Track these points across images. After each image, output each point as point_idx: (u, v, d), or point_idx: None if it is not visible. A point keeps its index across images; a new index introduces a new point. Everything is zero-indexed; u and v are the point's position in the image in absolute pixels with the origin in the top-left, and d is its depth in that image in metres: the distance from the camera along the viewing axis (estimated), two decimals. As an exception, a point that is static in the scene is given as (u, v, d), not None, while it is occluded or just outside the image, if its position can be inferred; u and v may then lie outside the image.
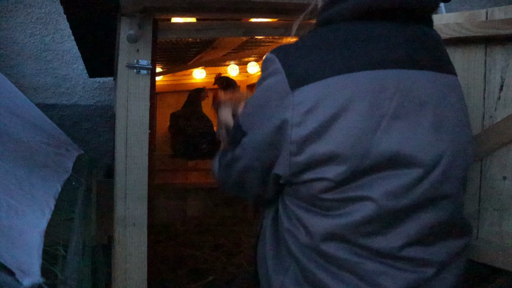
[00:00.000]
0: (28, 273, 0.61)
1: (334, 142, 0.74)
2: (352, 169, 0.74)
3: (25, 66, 2.94)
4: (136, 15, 1.20)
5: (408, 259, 0.77)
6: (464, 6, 3.41)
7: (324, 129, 0.74)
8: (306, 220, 0.80)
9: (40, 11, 2.92)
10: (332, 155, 0.74)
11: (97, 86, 3.08)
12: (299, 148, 0.76)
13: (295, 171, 0.78)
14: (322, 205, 0.78)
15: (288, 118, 0.76)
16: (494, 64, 1.11)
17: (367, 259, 0.76)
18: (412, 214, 0.77)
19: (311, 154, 0.75)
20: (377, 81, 0.74)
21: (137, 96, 1.25)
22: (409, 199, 0.75)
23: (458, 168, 0.80)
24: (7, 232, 0.72)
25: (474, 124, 1.15)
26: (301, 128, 0.75)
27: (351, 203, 0.76)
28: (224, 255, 2.47)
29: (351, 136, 0.73)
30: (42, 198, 0.98)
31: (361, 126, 0.73)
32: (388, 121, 0.74)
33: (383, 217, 0.75)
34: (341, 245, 0.77)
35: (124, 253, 1.24)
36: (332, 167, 0.74)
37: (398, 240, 0.76)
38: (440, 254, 0.80)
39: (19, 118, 1.50)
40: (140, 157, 1.25)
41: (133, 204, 1.24)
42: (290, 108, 0.75)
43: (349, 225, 0.76)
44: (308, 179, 0.77)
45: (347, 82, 0.74)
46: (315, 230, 0.79)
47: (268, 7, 1.32)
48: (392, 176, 0.75)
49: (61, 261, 0.82)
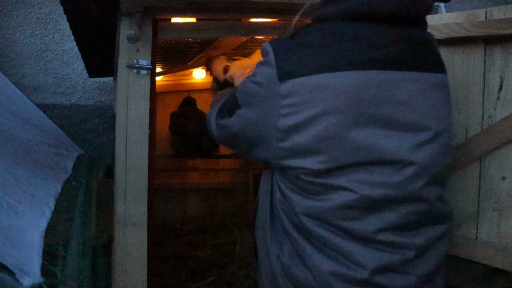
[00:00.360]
0: (28, 273, 0.61)
1: (313, 135, 0.80)
2: (331, 162, 0.81)
3: (25, 66, 2.94)
4: (136, 15, 1.20)
5: (383, 242, 0.82)
6: (464, 6, 3.41)
7: (306, 123, 0.80)
8: (291, 198, 0.88)
9: (40, 11, 2.92)
10: (311, 147, 0.81)
11: (97, 86, 3.09)
12: (284, 136, 0.83)
13: (281, 156, 0.86)
14: (305, 188, 0.85)
15: (276, 107, 0.83)
16: (494, 64, 1.11)
17: (345, 239, 0.83)
18: (389, 205, 0.82)
19: (294, 143, 0.82)
20: (358, 81, 0.79)
21: (137, 96, 1.25)
22: (386, 191, 0.81)
23: (436, 165, 0.84)
24: (7, 232, 0.72)
25: (474, 124, 1.15)
26: (287, 119, 0.82)
27: (331, 190, 0.82)
28: (224, 255, 2.47)
29: (328, 131, 0.80)
30: (42, 198, 0.98)
31: (340, 123, 0.79)
32: (366, 120, 0.80)
33: (360, 205, 0.81)
34: (321, 225, 0.84)
35: (124, 253, 1.24)
36: (312, 158, 0.81)
37: (373, 226, 0.82)
38: (418, 239, 0.85)
39: (19, 118, 1.51)
40: (140, 157, 1.25)
41: (133, 204, 1.25)
42: (278, 98, 0.82)
43: (328, 208, 0.83)
44: (292, 165, 0.84)
45: (330, 81, 0.79)
46: (298, 208, 0.86)
47: (268, 7, 1.32)
48: (370, 171, 0.81)
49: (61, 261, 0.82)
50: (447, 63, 1.19)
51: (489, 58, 1.12)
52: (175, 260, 2.38)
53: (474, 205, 1.15)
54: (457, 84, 1.17)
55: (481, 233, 1.15)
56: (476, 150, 1.13)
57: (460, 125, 1.17)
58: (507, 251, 1.09)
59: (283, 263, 0.90)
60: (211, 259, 2.42)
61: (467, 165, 1.16)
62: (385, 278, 0.81)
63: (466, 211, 1.17)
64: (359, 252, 0.82)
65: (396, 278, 0.82)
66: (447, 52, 1.18)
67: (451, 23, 1.14)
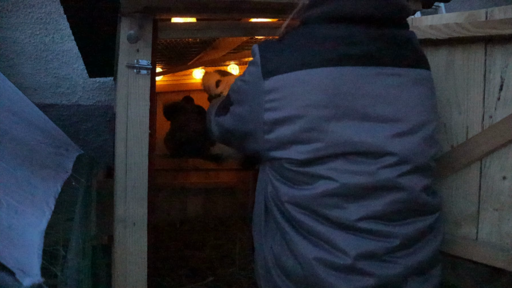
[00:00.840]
0: (28, 273, 0.61)
1: (294, 127, 0.87)
2: (312, 152, 0.86)
3: (25, 66, 2.94)
4: (136, 15, 1.20)
5: (365, 230, 0.86)
6: (464, 6, 3.41)
7: (288, 116, 0.87)
8: (278, 188, 0.93)
9: (40, 11, 2.92)
10: (294, 139, 0.87)
11: (97, 86, 3.08)
12: (269, 128, 0.90)
13: (267, 147, 0.92)
14: (290, 177, 0.91)
15: (261, 102, 0.90)
16: (494, 64, 1.11)
17: (328, 227, 0.87)
18: (370, 193, 0.87)
19: (278, 135, 0.89)
20: (335, 76, 0.86)
21: (137, 96, 1.25)
22: (365, 180, 0.86)
23: (417, 156, 0.89)
24: (7, 232, 0.72)
25: (474, 124, 1.15)
26: (271, 113, 0.89)
27: (313, 179, 0.88)
28: (224, 255, 2.47)
29: (310, 123, 0.86)
30: (42, 198, 0.98)
31: (320, 116, 0.85)
32: (343, 112, 0.85)
33: (341, 194, 0.86)
34: (305, 213, 0.89)
35: (124, 253, 1.24)
36: (295, 148, 0.87)
37: (355, 214, 0.86)
38: (404, 228, 0.88)
39: (19, 118, 1.50)
40: (140, 157, 1.25)
41: (133, 204, 1.24)
42: (263, 94, 0.90)
43: (311, 197, 0.88)
44: (278, 156, 0.91)
45: (308, 76, 0.86)
46: (284, 197, 0.92)
47: (268, 7, 1.32)
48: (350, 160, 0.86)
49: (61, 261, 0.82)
50: (447, 63, 1.19)
51: (490, 58, 1.11)
52: (175, 260, 2.38)
53: (474, 205, 1.15)
54: (458, 84, 1.17)
55: (481, 233, 1.15)
56: (477, 150, 1.13)
57: (460, 125, 1.17)
58: (508, 251, 1.08)
59: (274, 253, 0.94)
60: (211, 259, 2.42)
61: (467, 165, 1.15)
62: (369, 265, 0.85)
63: (467, 211, 1.16)
64: (342, 239, 0.86)
65: (381, 266, 0.85)
66: (448, 52, 1.18)
67: (452, 23, 1.14)
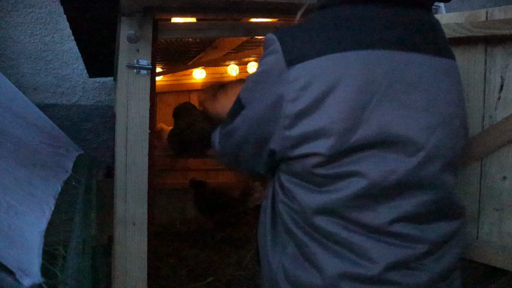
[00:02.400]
0: (28, 273, 0.61)
1: (324, 117, 0.77)
2: (342, 144, 0.77)
3: (25, 66, 2.94)
4: (136, 15, 1.20)
5: (396, 235, 0.79)
6: (464, 6, 3.41)
7: (316, 105, 0.78)
8: (299, 196, 0.84)
9: (40, 11, 2.92)
10: (322, 130, 0.78)
11: (97, 86, 3.08)
12: (292, 123, 0.80)
13: (288, 145, 0.82)
14: (315, 180, 0.81)
15: (284, 94, 0.80)
16: (494, 64, 1.11)
17: (356, 233, 0.79)
18: (402, 192, 0.79)
19: (303, 129, 0.79)
20: (368, 61, 0.78)
21: (137, 96, 1.25)
22: (398, 176, 0.78)
23: (447, 149, 0.82)
24: (7, 232, 0.72)
25: (474, 124, 1.15)
26: (295, 104, 0.79)
27: (343, 179, 0.79)
28: (224, 256, 2.47)
29: (340, 112, 0.77)
30: (42, 198, 0.98)
31: (351, 103, 0.77)
32: (378, 99, 0.77)
33: (373, 193, 0.78)
34: (332, 219, 0.80)
35: (124, 253, 1.24)
36: (323, 141, 0.78)
37: (387, 216, 0.79)
38: (432, 233, 0.81)
39: (19, 118, 1.50)
40: (140, 157, 1.25)
41: (133, 204, 1.24)
42: (286, 84, 0.80)
43: (340, 199, 0.79)
44: (301, 153, 0.81)
45: (338, 61, 0.77)
46: (307, 205, 0.82)
47: (268, 7, 1.32)
48: (382, 153, 0.78)
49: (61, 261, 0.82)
50: (447, 63, 1.19)
51: (490, 58, 1.11)
52: (175, 260, 2.38)
53: (474, 205, 1.15)
54: (458, 84, 1.17)
55: (482, 232, 1.15)
56: (477, 150, 1.13)
57: (460, 125, 1.17)
58: (508, 250, 1.08)
59: (285, 268, 0.86)
60: (211, 259, 2.42)
61: (467, 165, 1.15)
62: (398, 275, 0.78)
63: (467, 210, 1.16)
64: (371, 247, 0.78)
65: (408, 274, 0.79)
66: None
67: (452, 23, 1.13)
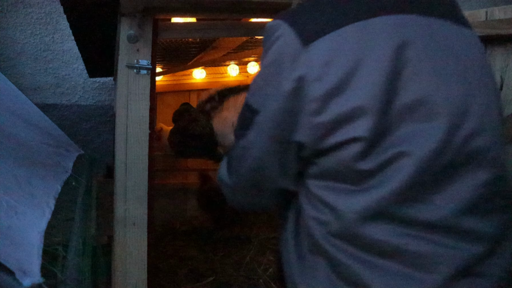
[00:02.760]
0: (28, 273, 0.61)
1: (359, 93, 0.67)
2: (381, 122, 0.67)
3: (25, 66, 2.94)
4: (136, 15, 1.20)
5: (460, 231, 0.68)
6: (464, 6, 3.41)
7: (346, 81, 0.67)
8: (333, 203, 0.71)
9: (40, 11, 2.92)
10: (359, 109, 0.67)
11: (97, 86, 3.08)
12: (321, 106, 0.68)
13: (319, 134, 0.70)
14: (352, 177, 0.69)
15: (304, 75, 0.69)
16: (494, 64, 1.11)
17: (413, 237, 0.67)
18: (453, 174, 0.69)
19: (336, 111, 0.68)
20: (397, 25, 0.69)
21: (137, 96, 1.25)
22: (446, 152, 0.68)
23: (492, 120, 0.73)
24: (7, 232, 0.72)
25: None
26: (321, 83, 0.68)
27: (387, 166, 0.67)
28: (224, 256, 2.47)
29: (375, 84, 0.67)
30: (42, 198, 0.98)
31: (385, 73, 0.67)
32: (413, 66, 0.69)
33: (424, 180, 0.67)
34: (380, 225, 0.68)
35: (124, 253, 1.24)
36: (362, 122, 0.67)
37: (447, 205, 0.67)
38: (493, 226, 0.70)
39: (19, 118, 1.50)
40: (140, 157, 1.25)
41: (133, 204, 1.24)
42: (305, 65, 0.69)
43: (387, 195, 0.67)
44: (337, 142, 0.69)
45: (364, 29, 0.69)
46: (346, 211, 0.69)
47: (268, 7, 1.32)
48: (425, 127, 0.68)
49: (61, 261, 0.82)
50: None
51: (490, 58, 1.12)
52: (175, 260, 2.38)
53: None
54: (458, 84, 1.17)
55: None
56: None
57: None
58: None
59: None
60: (211, 260, 2.42)
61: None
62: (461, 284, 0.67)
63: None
64: (430, 252, 0.67)
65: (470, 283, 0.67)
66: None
67: (452, 23, 1.14)
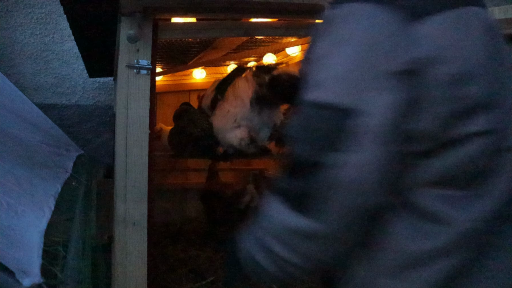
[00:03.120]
0: (28, 273, 0.61)
1: (481, 82, 0.61)
2: (497, 115, 0.62)
3: (25, 66, 2.94)
4: (136, 15, 1.20)
5: None
6: (464, 6, 3.41)
7: (470, 66, 0.60)
8: (446, 217, 0.60)
9: (40, 11, 2.92)
10: (477, 99, 0.60)
11: (97, 86, 3.09)
12: (448, 91, 0.58)
13: (443, 124, 0.59)
14: (461, 179, 0.61)
15: (421, 56, 0.58)
16: (494, 64, 1.11)
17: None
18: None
19: (466, 96, 0.59)
20: (484, 18, 0.68)
21: (137, 96, 1.25)
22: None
23: None
24: (7, 232, 0.72)
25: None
26: (445, 66, 0.58)
27: (501, 163, 0.62)
28: (224, 256, 2.47)
29: (495, 77, 0.63)
30: (42, 198, 0.98)
31: (487, 61, 0.63)
32: (497, 55, 0.66)
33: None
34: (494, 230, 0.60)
35: (124, 253, 1.24)
36: (482, 115, 0.60)
37: None
38: None
39: (19, 118, 1.51)
40: (140, 157, 1.25)
41: (133, 204, 1.24)
42: (418, 44, 0.58)
43: (497, 196, 0.60)
44: (465, 132, 0.60)
45: (468, 16, 0.64)
46: (459, 225, 0.60)
47: (268, 7, 1.32)
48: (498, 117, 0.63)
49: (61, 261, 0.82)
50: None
51: (490, 58, 1.11)
52: (175, 260, 2.38)
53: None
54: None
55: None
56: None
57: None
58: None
59: None
60: (211, 259, 2.42)
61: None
62: None
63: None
64: None
65: None
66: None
67: (452, 23, 1.13)
